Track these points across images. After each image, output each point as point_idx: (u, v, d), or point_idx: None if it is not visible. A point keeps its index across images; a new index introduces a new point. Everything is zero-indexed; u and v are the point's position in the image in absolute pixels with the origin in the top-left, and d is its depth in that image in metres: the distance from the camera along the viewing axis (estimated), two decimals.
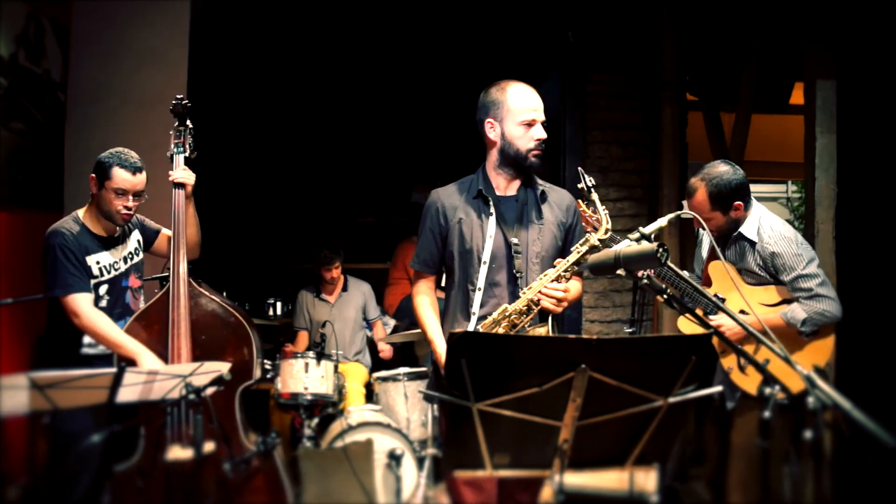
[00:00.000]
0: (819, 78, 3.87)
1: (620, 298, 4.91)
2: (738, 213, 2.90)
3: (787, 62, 4.70)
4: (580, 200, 2.76)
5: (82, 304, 2.77)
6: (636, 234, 1.92)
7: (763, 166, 6.30)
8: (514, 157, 2.54)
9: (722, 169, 2.88)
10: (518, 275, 2.51)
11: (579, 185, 2.45)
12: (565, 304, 2.45)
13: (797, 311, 2.83)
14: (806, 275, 2.82)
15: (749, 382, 2.88)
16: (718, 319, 2.81)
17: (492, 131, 2.56)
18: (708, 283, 3.05)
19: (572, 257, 2.44)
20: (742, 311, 2.86)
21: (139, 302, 3.04)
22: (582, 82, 4.90)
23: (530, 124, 2.51)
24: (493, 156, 2.59)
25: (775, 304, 2.92)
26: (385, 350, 4.81)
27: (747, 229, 2.90)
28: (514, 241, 2.52)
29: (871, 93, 4.05)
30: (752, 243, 2.90)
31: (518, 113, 2.51)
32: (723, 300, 2.94)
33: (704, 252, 3.20)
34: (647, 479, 2.94)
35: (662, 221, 2.02)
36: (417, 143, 6.23)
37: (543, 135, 2.53)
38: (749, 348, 2.84)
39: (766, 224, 2.89)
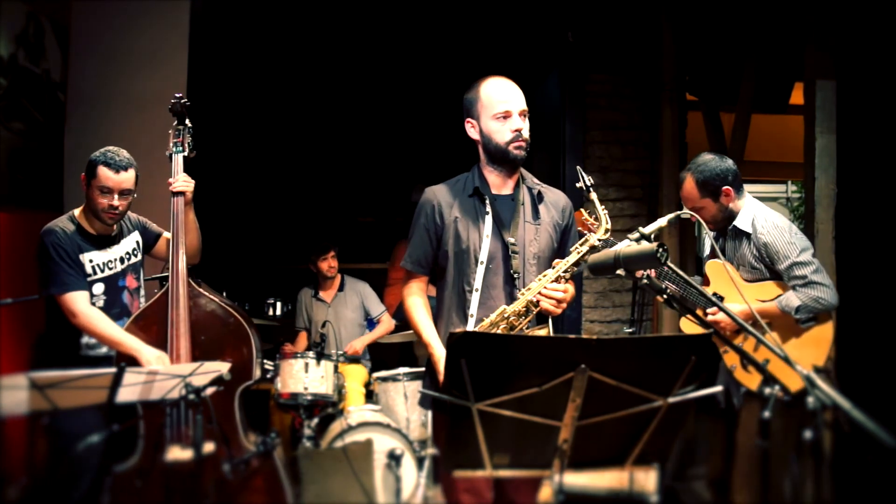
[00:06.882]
0: (819, 78, 3.87)
1: (620, 298, 4.91)
2: (730, 200, 2.92)
3: (787, 62, 4.70)
4: (581, 208, 2.73)
5: (79, 302, 2.76)
6: (636, 234, 1.92)
7: (763, 166, 6.29)
8: (496, 154, 2.46)
9: (707, 157, 2.96)
10: (515, 275, 2.43)
11: (578, 185, 2.39)
12: (564, 305, 2.39)
13: (791, 298, 2.83)
14: (800, 262, 2.82)
15: (752, 380, 2.88)
16: (716, 316, 2.82)
17: (472, 130, 2.51)
18: (707, 282, 3.06)
19: (572, 257, 2.37)
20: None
21: (137, 302, 3.03)
22: (582, 82, 4.90)
23: (506, 116, 2.42)
24: (482, 155, 2.53)
25: (772, 300, 2.92)
26: (354, 349, 4.58)
27: (742, 222, 2.92)
28: (511, 241, 2.44)
29: (870, 93, 4.04)
30: (748, 235, 2.91)
31: (491, 106, 2.43)
32: (721, 299, 2.95)
33: (706, 253, 3.21)
34: (647, 479, 2.94)
35: (662, 221, 2.02)
36: (417, 143, 6.22)
37: (520, 125, 2.42)
38: (749, 345, 2.85)
39: (761, 216, 2.91)
